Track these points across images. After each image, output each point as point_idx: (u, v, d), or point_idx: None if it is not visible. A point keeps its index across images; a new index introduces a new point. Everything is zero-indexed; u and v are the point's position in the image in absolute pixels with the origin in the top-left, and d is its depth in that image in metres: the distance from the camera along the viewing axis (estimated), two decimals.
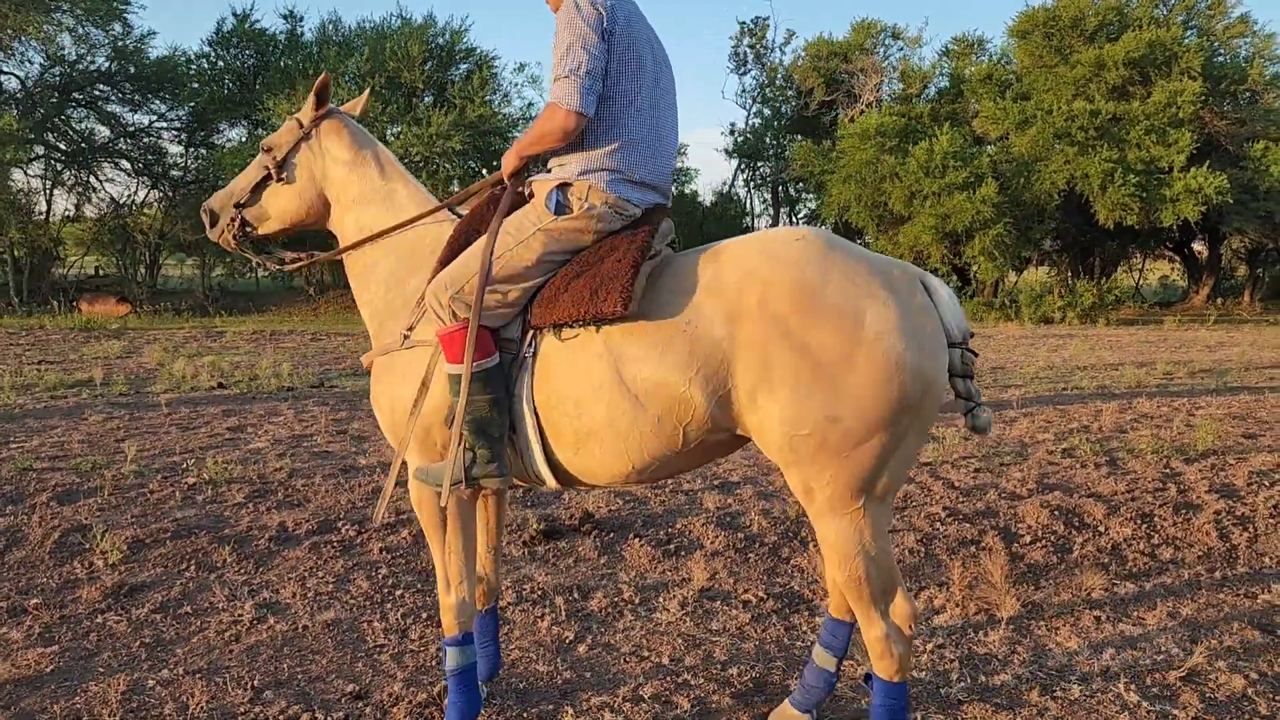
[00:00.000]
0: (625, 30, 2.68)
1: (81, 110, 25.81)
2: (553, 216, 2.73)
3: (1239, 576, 4.69)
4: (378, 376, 3.03)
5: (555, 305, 2.66)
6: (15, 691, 3.40)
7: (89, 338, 15.96)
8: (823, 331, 2.45)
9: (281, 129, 3.33)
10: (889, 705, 2.74)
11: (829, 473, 2.50)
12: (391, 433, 3.01)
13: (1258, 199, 23.10)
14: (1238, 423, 8.52)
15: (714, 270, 2.62)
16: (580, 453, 2.69)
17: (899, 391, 2.44)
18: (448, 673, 3.01)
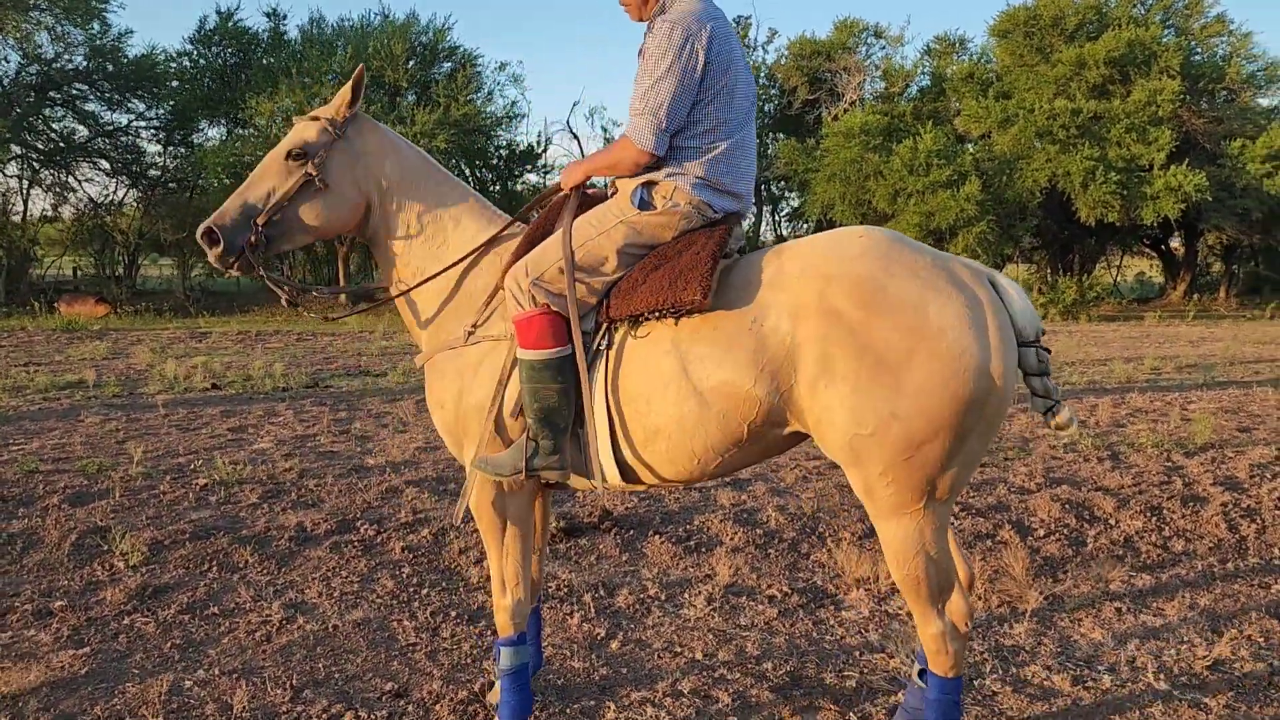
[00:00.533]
0: (721, 58, 2.69)
1: (59, 109, 25.52)
2: (636, 210, 2.77)
3: (1251, 567, 4.77)
4: (440, 373, 2.96)
5: (633, 296, 2.69)
6: (52, 694, 3.38)
7: (72, 339, 15.80)
8: (885, 326, 2.43)
9: (303, 131, 2.97)
10: (944, 700, 2.76)
11: (891, 474, 2.48)
12: (451, 430, 2.96)
13: (1235, 196, 23.44)
14: (1230, 417, 8.65)
15: (777, 267, 2.64)
16: (647, 449, 2.70)
17: (963, 390, 2.40)
18: (502, 672, 3.01)
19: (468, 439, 2.91)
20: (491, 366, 2.85)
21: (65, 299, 22.00)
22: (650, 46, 2.67)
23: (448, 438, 3.02)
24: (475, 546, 4.88)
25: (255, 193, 2.92)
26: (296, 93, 21.87)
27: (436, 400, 2.98)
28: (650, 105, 2.64)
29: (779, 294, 2.58)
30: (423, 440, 7.44)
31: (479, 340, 2.89)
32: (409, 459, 6.81)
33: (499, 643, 3.03)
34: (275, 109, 22.29)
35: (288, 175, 2.93)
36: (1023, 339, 2.60)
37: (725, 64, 2.71)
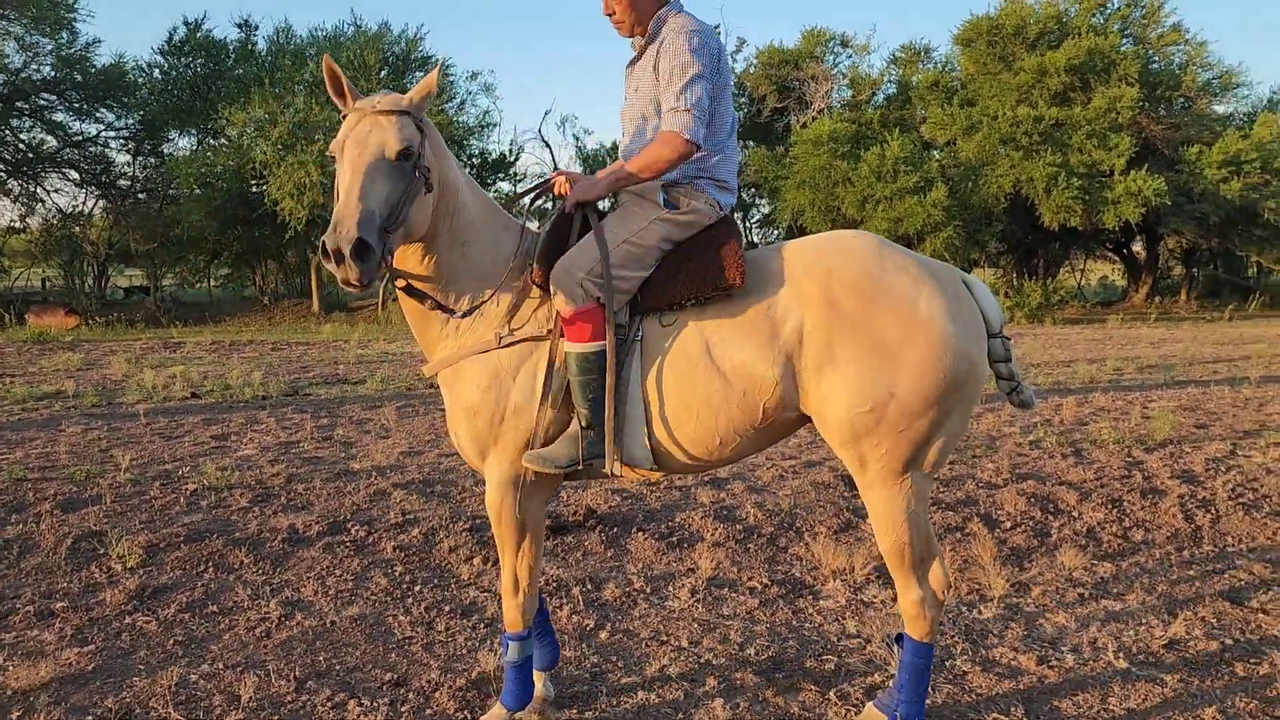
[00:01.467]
0: (727, 66, 3.00)
1: (27, 119, 25.32)
2: (668, 211, 2.99)
3: (1205, 555, 5.01)
4: (471, 380, 2.93)
5: (672, 286, 2.91)
6: (62, 689, 3.50)
7: (44, 350, 15.73)
8: (882, 315, 2.75)
9: (404, 129, 2.70)
10: (917, 664, 3.01)
11: (884, 446, 2.78)
12: (481, 437, 2.95)
13: (1193, 201, 23.98)
14: (1189, 414, 8.95)
15: (783, 262, 2.93)
16: (679, 430, 2.90)
17: (948, 370, 2.73)
18: (509, 664, 3.14)
19: (499, 444, 2.93)
20: (531, 367, 2.91)
21: (34, 310, 21.83)
22: (673, 56, 2.88)
23: (472, 445, 2.98)
24: (465, 545, 5.03)
25: (374, 199, 2.57)
26: (268, 103, 21.86)
27: (468, 408, 2.93)
28: (690, 100, 2.85)
29: (788, 285, 2.87)
30: (406, 445, 7.57)
31: (514, 342, 2.92)
32: (394, 463, 6.94)
33: (508, 637, 3.15)
34: (247, 119, 22.27)
35: (400, 176, 2.66)
36: (990, 330, 2.93)
37: (725, 64, 2.99)
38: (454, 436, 3.09)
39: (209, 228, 23.70)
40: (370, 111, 2.71)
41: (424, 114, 2.82)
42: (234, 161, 22.65)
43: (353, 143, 2.66)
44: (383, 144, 2.66)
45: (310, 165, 20.71)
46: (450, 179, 2.91)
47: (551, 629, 3.48)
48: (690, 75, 2.85)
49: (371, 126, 2.68)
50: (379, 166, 2.63)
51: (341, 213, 2.53)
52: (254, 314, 25.00)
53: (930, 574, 2.97)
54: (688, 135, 2.84)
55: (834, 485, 6.27)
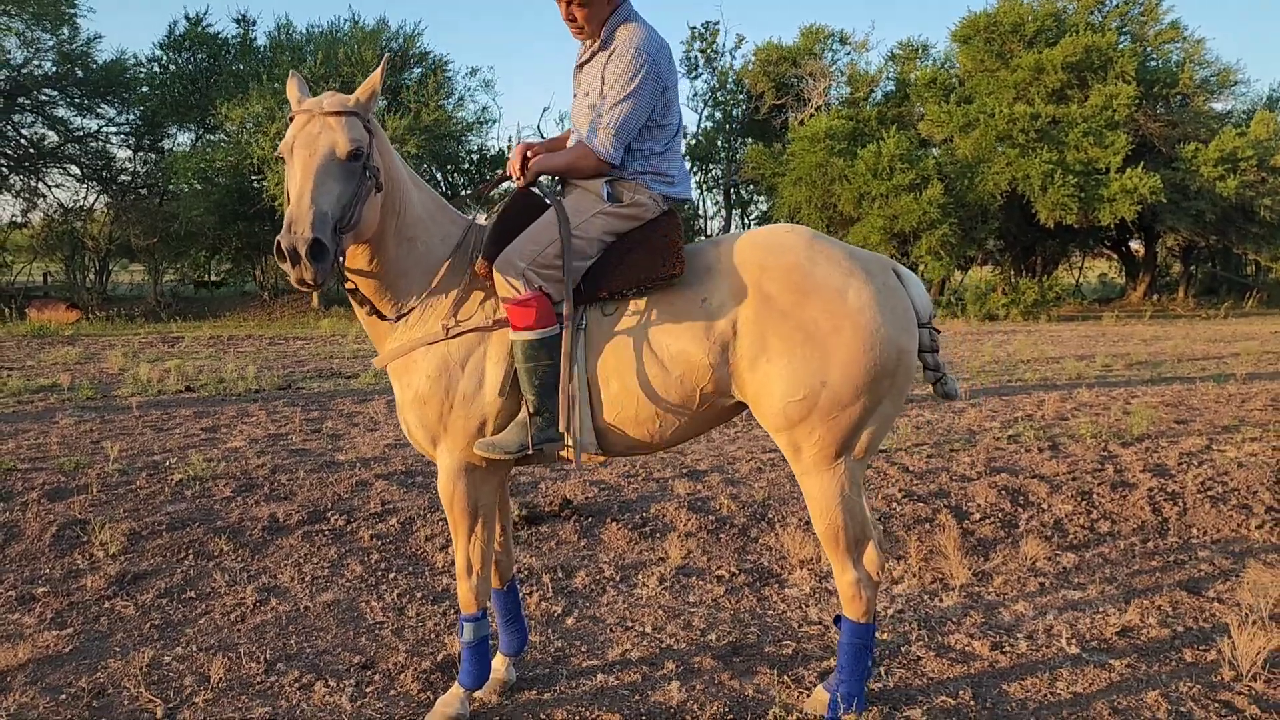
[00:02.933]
0: (672, 76, 3.14)
1: (28, 115, 25.44)
2: (609, 204, 3.11)
3: (1170, 546, 5.10)
4: (420, 371, 3.00)
5: (616, 275, 3.04)
6: (39, 669, 3.61)
7: (43, 344, 15.85)
8: (813, 307, 2.89)
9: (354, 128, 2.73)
10: (856, 644, 3.14)
11: (817, 433, 2.91)
12: (430, 426, 3.02)
13: (1189, 198, 24.00)
14: (1170, 410, 9.03)
15: (717, 255, 3.07)
16: (619, 416, 3.02)
17: (877, 359, 2.87)
18: (465, 644, 3.24)
19: (449, 432, 3.00)
20: (479, 357, 2.99)
21: (35, 304, 21.96)
22: (616, 67, 3.04)
23: (422, 433, 3.06)
24: (441, 534, 5.13)
25: (326, 200, 2.61)
26: (267, 98, 21.97)
27: (417, 398, 3.00)
28: (614, 121, 3.03)
29: (722, 278, 3.00)
30: (392, 438, 7.67)
31: (461, 333, 2.99)
32: (379, 455, 7.04)
33: (463, 619, 3.23)
34: (245, 115, 22.38)
35: (351, 177, 2.71)
36: (919, 320, 3.05)
37: (674, 79, 3.14)
38: (404, 425, 3.16)
39: (209, 223, 23.81)
40: (318, 113, 2.74)
41: (371, 114, 2.86)
42: (233, 157, 22.77)
43: (302, 144, 2.69)
44: (333, 145, 2.69)
45: None
46: (396, 177, 2.97)
47: (522, 616, 3.58)
48: (624, 95, 3.01)
49: (321, 128, 2.71)
50: (330, 168, 2.67)
51: (295, 213, 2.57)
52: (253, 309, 25.11)
53: (865, 556, 3.09)
54: (603, 155, 3.05)
55: None
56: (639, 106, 3.04)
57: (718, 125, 32.66)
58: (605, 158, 3.05)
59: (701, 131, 32.75)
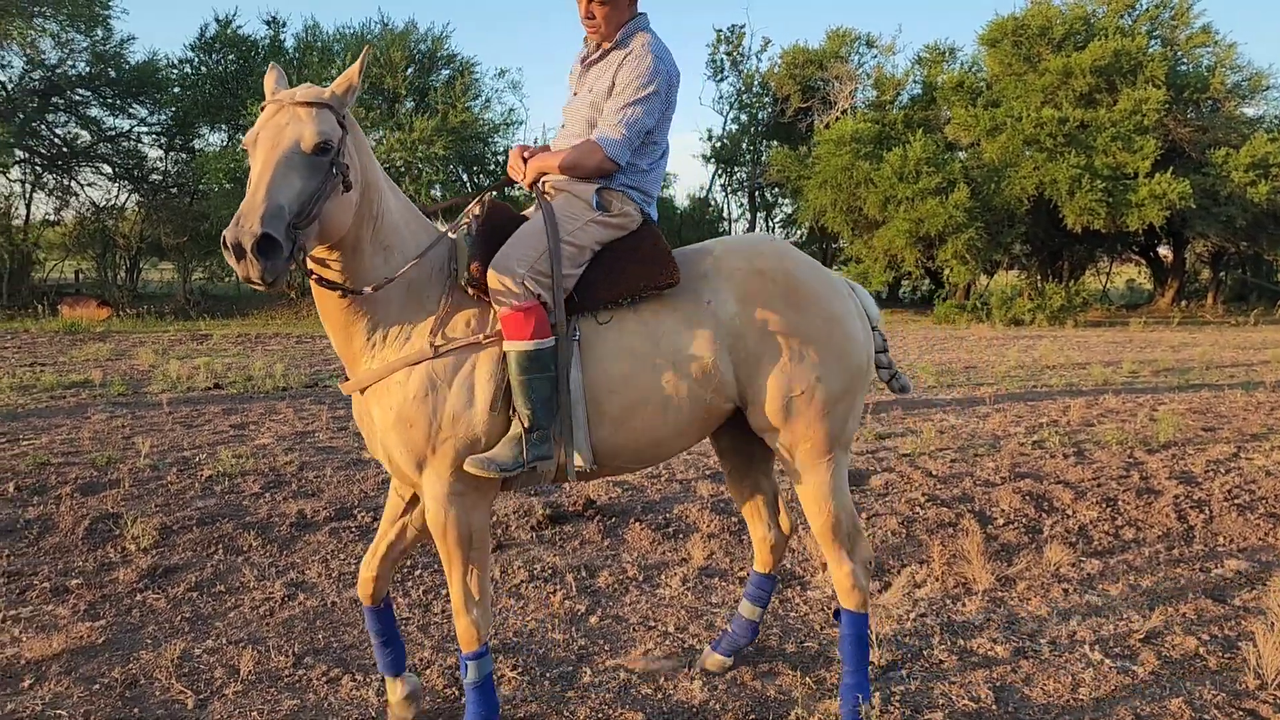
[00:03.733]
0: (675, 95, 3.18)
1: (62, 115, 25.81)
2: (600, 213, 3.08)
3: (1195, 554, 5.07)
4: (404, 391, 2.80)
5: (611, 285, 3.01)
6: (72, 660, 3.68)
7: (75, 341, 16.07)
8: (808, 312, 3.09)
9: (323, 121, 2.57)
10: (856, 634, 3.24)
11: (813, 428, 3.08)
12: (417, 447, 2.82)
13: (1219, 204, 23.77)
14: (1198, 417, 8.96)
15: (714, 261, 3.15)
16: (621, 428, 2.96)
17: (858, 359, 3.15)
18: (471, 685, 3.00)
19: (437, 454, 2.82)
20: (467, 374, 2.83)
21: (67, 301, 22.23)
22: (634, 69, 3.04)
23: (408, 458, 2.84)
24: None
25: (283, 193, 2.43)
26: None
27: (401, 420, 2.80)
28: (627, 122, 3.03)
29: (723, 282, 3.08)
30: None
31: (449, 350, 2.83)
32: None
33: (465, 657, 3.00)
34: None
35: (315, 172, 2.52)
36: (872, 325, 3.34)
37: (675, 103, 3.18)
38: (383, 451, 2.93)
39: None
40: (289, 103, 2.58)
41: (347, 109, 2.70)
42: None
43: (267, 134, 2.53)
44: (298, 137, 2.51)
45: None
46: (374, 180, 2.80)
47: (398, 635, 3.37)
48: (639, 97, 3.02)
49: (289, 119, 2.54)
50: (291, 160, 2.48)
51: (246, 207, 2.37)
52: (280, 308, 25.32)
53: (858, 547, 3.24)
54: (610, 153, 3.02)
55: None
56: (649, 114, 3.06)
57: (743, 128, 32.67)
58: (612, 155, 3.02)
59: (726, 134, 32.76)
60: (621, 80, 3.05)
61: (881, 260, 24.82)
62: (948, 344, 17.60)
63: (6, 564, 4.68)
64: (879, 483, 6.36)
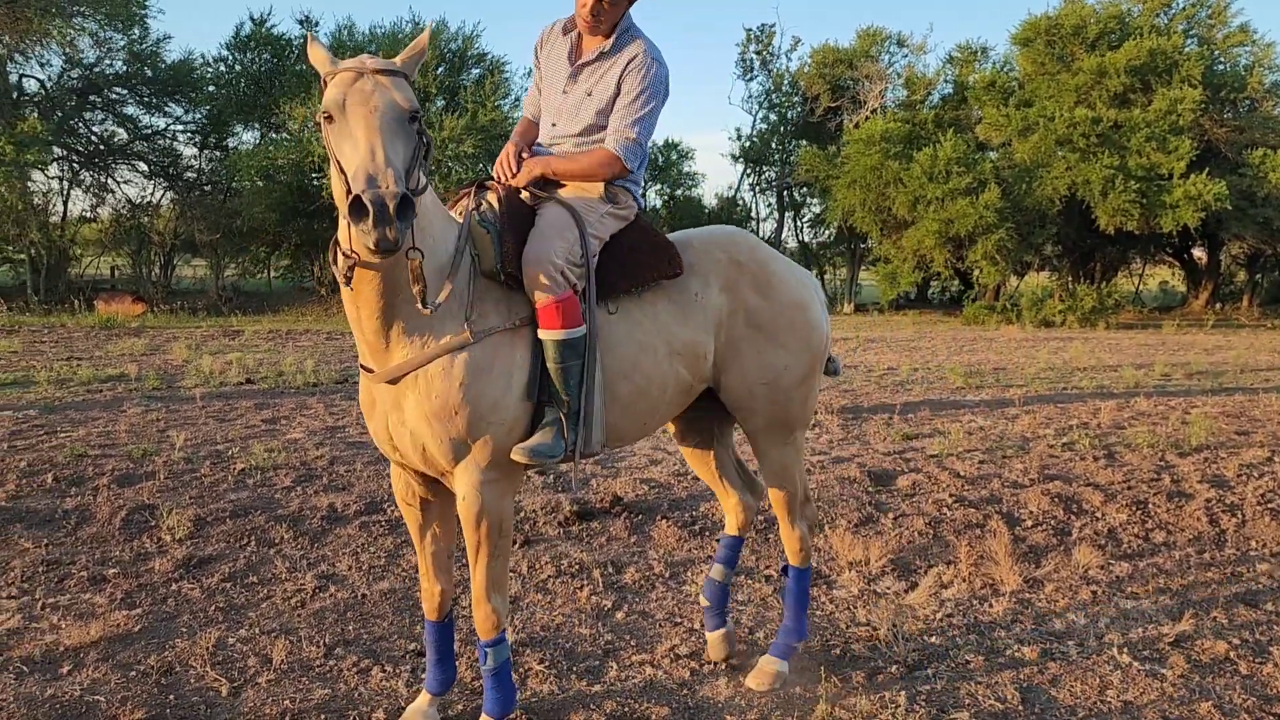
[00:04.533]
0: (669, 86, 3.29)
1: (99, 113, 26.22)
2: (612, 206, 3.18)
3: (1227, 558, 5.03)
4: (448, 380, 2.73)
5: (625, 273, 3.12)
6: (110, 647, 3.75)
7: (110, 335, 16.31)
8: (779, 301, 3.35)
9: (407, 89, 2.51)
10: (801, 587, 3.65)
11: (779, 409, 3.36)
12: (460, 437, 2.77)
13: (1256, 205, 23.47)
14: (1231, 420, 8.86)
15: (696, 253, 3.31)
16: (628, 411, 3.11)
17: (818, 347, 3.42)
18: (490, 672, 3.02)
19: (478, 443, 2.79)
20: (504, 360, 2.82)
21: (103, 297, 22.59)
22: (643, 78, 3.08)
23: (446, 448, 2.78)
24: None
25: (397, 157, 2.37)
26: None
27: (445, 409, 2.73)
28: (642, 131, 3.13)
29: (708, 274, 3.28)
30: None
31: (487, 335, 2.80)
32: None
33: (485, 645, 3.00)
34: (307, 114, 22.82)
35: (409, 137, 2.47)
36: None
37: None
38: (410, 442, 2.82)
39: (269, 219, 24.31)
40: (368, 70, 2.47)
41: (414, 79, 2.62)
42: (294, 155, 23.22)
43: (358, 100, 2.40)
44: (392, 101, 2.43)
45: None
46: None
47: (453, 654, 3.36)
48: (650, 107, 3.13)
49: (373, 85, 2.44)
50: (393, 124, 2.41)
51: (373, 167, 2.27)
52: (311, 304, 25.59)
53: (807, 512, 3.64)
54: (628, 164, 3.12)
55: (859, 481, 6.36)
56: (656, 119, 3.18)
57: (772, 127, 32.60)
58: (630, 166, 3.12)
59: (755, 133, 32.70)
60: (631, 88, 3.10)
61: (910, 260, 24.70)
62: (977, 345, 17.49)
63: (45, 553, 4.78)
64: (906, 483, 6.35)
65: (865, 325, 23.27)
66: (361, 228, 2.26)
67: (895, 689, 3.47)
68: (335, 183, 2.50)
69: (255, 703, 3.32)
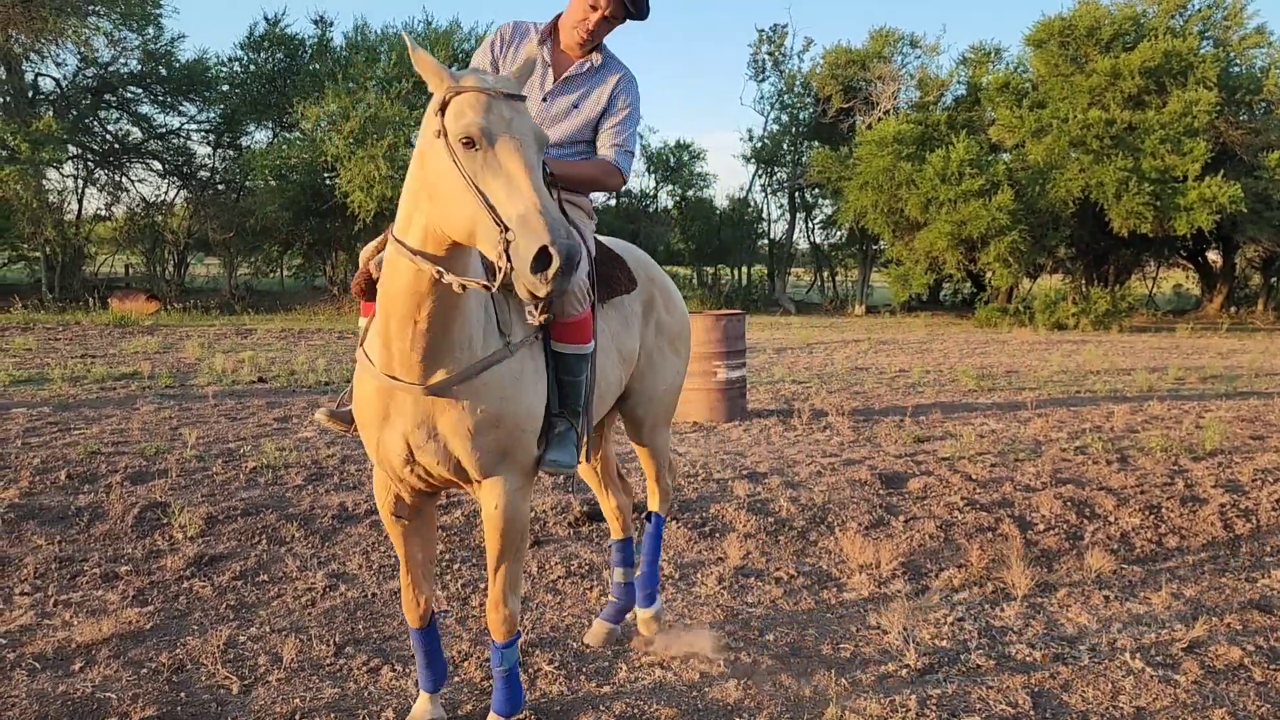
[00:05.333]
0: None
1: (114, 111, 26.36)
2: (592, 221, 3.40)
3: (1241, 564, 4.99)
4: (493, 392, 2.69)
5: (606, 287, 3.27)
6: (121, 644, 3.77)
7: (124, 333, 16.40)
8: (678, 316, 3.74)
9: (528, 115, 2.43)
10: (657, 532, 3.98)
11: (666, 407, 3.80)
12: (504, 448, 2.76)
13: (1272, 208, 23.32)
14: (1245, 425, 8.80)
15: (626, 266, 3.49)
16: (596, 417, 3.25)
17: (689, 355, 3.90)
18: (504, 673, 3.05)
19: (514, 452, 2.80)
20: (533, 371, 2.82)
21: (117, 295, 22.70)
22: (632, 95, 3.34)
23: (490, 460, 2.75)
24: None
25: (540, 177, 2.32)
26: (342, 97, 22.46)
27: (490, 420, 2.70)
28: (633, 145, 3.35)
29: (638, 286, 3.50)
30: None
31: (519, 349, 2.79)
32: None
33: (501, 646, 3.02)
34: (321, 113, 22.90)
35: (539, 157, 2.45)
36: None
37: None
38: (443, 457, 2.74)
39: (282, 219, 24.40)
40: (498, 94, 2.33)
41: None
42: (307, 155, 23.29)
43: (502, 128, 2.27)
44: (534, 133, 2.35)
45: (380, 159, 21.22)
46: None
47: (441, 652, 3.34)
48: (636, 123, 3.37)
49: (510, 112, 2.32)
50: (538, 160, 2.33)
51: (549, 218, 2.15)
52: (323, 303, 25.66)
53: (673, 473, 4.13)
54: (627, 175, 3.34)
55: (870, 483, 6.34)
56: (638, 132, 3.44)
57: (784, 128, 32.55)
58: (627, 176, 3.33)
59: (767, 134, 32.65)
60: (622, 104, 3.29)
61: (923, 262, 24.63)
62: (989, 348, 17.43)
63: (58, 549, 4.80)
64: (917, 486, 6.33)
65: (877, 327, 23.22)
66: (540, 277, 2.13)
67: (905, 692, 3.46)
68: (467, 208, 2.25)
69: (266, 701, 3.33)
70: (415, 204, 2.45)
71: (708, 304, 25.51)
